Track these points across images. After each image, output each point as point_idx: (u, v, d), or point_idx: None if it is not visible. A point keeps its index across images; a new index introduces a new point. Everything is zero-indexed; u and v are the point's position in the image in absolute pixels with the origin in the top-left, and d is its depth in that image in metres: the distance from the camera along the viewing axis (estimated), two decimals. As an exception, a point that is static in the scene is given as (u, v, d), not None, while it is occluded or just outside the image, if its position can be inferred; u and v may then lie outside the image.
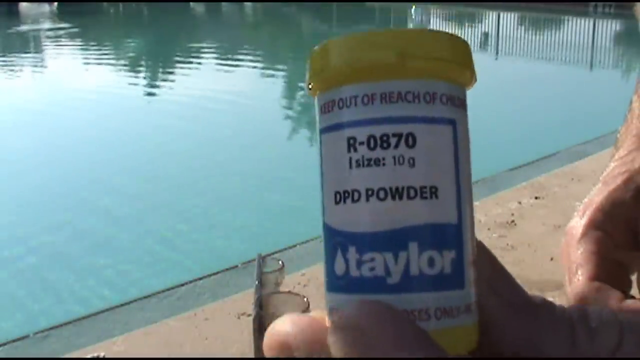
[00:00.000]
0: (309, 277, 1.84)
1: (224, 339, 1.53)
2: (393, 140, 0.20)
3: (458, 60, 0.21)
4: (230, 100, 6.59)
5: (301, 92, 7.65)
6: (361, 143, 0.20)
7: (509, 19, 15.47)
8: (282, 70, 9.27)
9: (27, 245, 3.26)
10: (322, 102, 0.22)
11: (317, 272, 1.86)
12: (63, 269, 3.01)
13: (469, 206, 0.21)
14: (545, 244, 1.84)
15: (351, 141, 0.20)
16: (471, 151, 0.22)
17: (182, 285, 1.91)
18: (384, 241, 0.20)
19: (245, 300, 1.68)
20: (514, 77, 8.29)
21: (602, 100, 6.30)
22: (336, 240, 0.21)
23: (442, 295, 0.20)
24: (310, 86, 0.22)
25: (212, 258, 2.99)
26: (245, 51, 11.06)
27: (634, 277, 0.47)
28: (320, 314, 0.21)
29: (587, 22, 14.02)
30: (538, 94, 6.99)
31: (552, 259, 1.58)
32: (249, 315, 0.76)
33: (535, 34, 14.19)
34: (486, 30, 14.31)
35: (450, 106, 0.21)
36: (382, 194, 0.20)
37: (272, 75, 8.66)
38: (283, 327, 0.21)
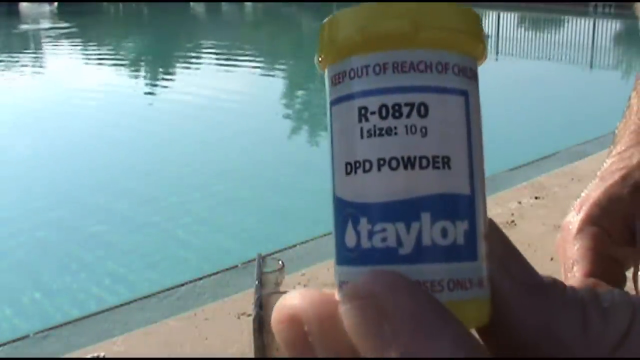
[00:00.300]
0: (309, 277, 1.84)
1: (224, 339, 1.53)
2: (405, 110, 0.20)
3: (470, 31, 0.21)
4: (230, 100, 6.58)
5: (301, 91, 7.65)
6: (372, 113, 0.20)
7: (509, 19, 15.47)
8: (282, 69, 9.27)
9: (19, 239, 3.27)
10: (332, 73, 0.21)
11: (317, 272, 1.86)
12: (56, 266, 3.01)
13: (481, 178, 0.21)
14: (545, 244, 1.84)
15: (362, 111, 0.20)
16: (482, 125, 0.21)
17: (182, 285, 1.91)
18: (396, 211, 0.20)
19: (245, 300, 1.68)
20: (514, 78, 8.29)
21: (602, 100, 6.30)
22: (347, 212, 0.21)
23: (454, 266, 0.20)
24: (320, 59, 0.22)
25: (215, 255, 3.00)
26: (245, 51, 11.06)
27: (628, 273, 0.47)
28: (329, 291, 0.21)
29: (587, 22, 14.02)
30: (538, 94, 6.99)
31: (552, 259, 1.58)
32: (249, 315, 0.76)
33: (536, 34, 14.20)
34: (486, 30, 14.35)
35: (462, 77, 0.21)
36: (394, 164, 0.20)
37: (273, 75, 8.66)
38: (292, 300, 0.20)
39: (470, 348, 0.18)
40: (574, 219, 0.46)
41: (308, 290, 0.21)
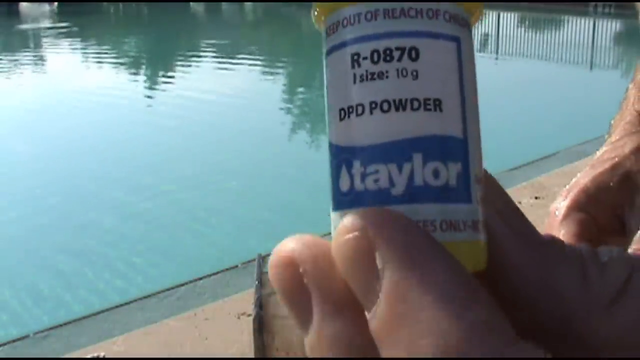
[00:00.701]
0: (309, 277, 1.84)
1: (224, 339, 1.54)
2: (396, 54, 0.20)
3: None
4: (230, 100, 6.59)
5: (301, 91, 7.65)
6: (365, 58, 0.20)
7: (509, 19, 15.47)
8: (282, 69, 9.27)
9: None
10: (327, 25, 0.22)
11: (317, 272, 1.87)
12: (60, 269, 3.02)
13: (475, 123, 0.21)
14: (545, 244, 1.84)
15: (355, 57, 0.21)
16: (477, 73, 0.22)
17: (182, 285, 1.91)
18: (388, 152, 0.20)
19: (245, 300, 1.68)
20: (514, 78, 8.30)
21: (602, 100, 6.29)
22: (341, 158, 0.21)
23: (447, 207, 0.20)
24: (316, 13, 0.22)
25: (212, 255, 3.00)
26: (245, 51, 11.06)
27: None
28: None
29: (587, 22, 14.01)
30: (538, 94, 6.99)
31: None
32: (249, 315, 0.76)
33: (536, 34, 14.20)
34: (486, 30, 14.32)
35: (454, 24, 0.21)
36: (385, 106, 0.20)
37: (272, 75, 8.67)
38: (288, 244, 0.20)
39: (464, 277, 0.18)
40: (561, 204, 0.46)
41: (304, 235, 0.21)
